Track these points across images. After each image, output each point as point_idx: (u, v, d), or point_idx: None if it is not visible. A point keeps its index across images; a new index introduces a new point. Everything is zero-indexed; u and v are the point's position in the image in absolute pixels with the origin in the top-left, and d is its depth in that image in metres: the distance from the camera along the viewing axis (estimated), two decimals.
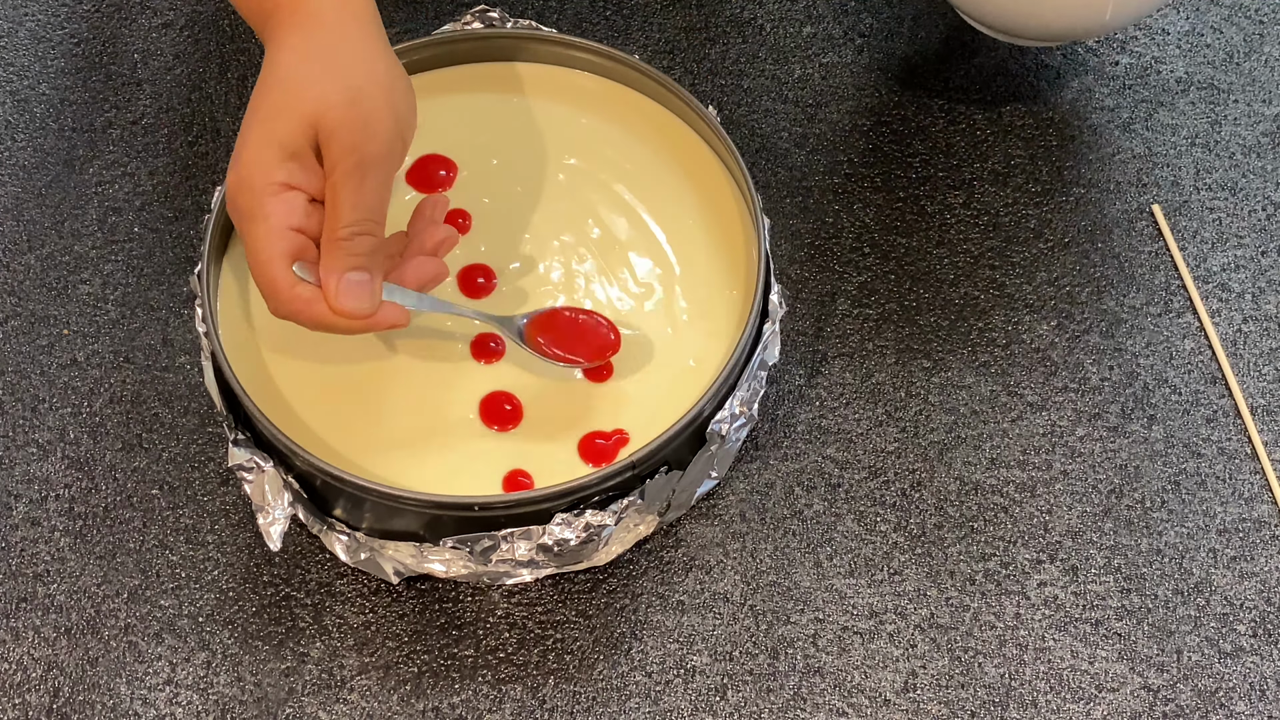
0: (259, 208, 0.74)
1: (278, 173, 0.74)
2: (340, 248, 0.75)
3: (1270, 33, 1.05)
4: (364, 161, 0.75)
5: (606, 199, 0.90)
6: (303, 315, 0.76)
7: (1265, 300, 0.96)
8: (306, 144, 0.75)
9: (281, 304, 0.76)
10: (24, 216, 0.98)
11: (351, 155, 0.74)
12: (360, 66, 0.76)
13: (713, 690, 0.84)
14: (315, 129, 0.74)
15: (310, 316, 0.76)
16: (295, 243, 0.75)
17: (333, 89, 0.75)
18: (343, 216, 0.75)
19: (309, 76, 0.75)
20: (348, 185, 0.75)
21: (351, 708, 0.83)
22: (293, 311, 0.76)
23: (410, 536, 0.82)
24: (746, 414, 0.84)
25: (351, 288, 0.76)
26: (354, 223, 0.75)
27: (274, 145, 0.74)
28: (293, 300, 0.75)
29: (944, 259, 0.97)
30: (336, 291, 0.75)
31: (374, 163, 0.75)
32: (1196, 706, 0.84)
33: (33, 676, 0.85)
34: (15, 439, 0.91)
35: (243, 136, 0.75)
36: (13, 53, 1.04)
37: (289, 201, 0.75)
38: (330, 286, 0.75)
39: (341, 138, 0.74)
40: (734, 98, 1.02)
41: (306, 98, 0.74)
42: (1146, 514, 0.89)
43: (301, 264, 0.76)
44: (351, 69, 0.76)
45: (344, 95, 0.75)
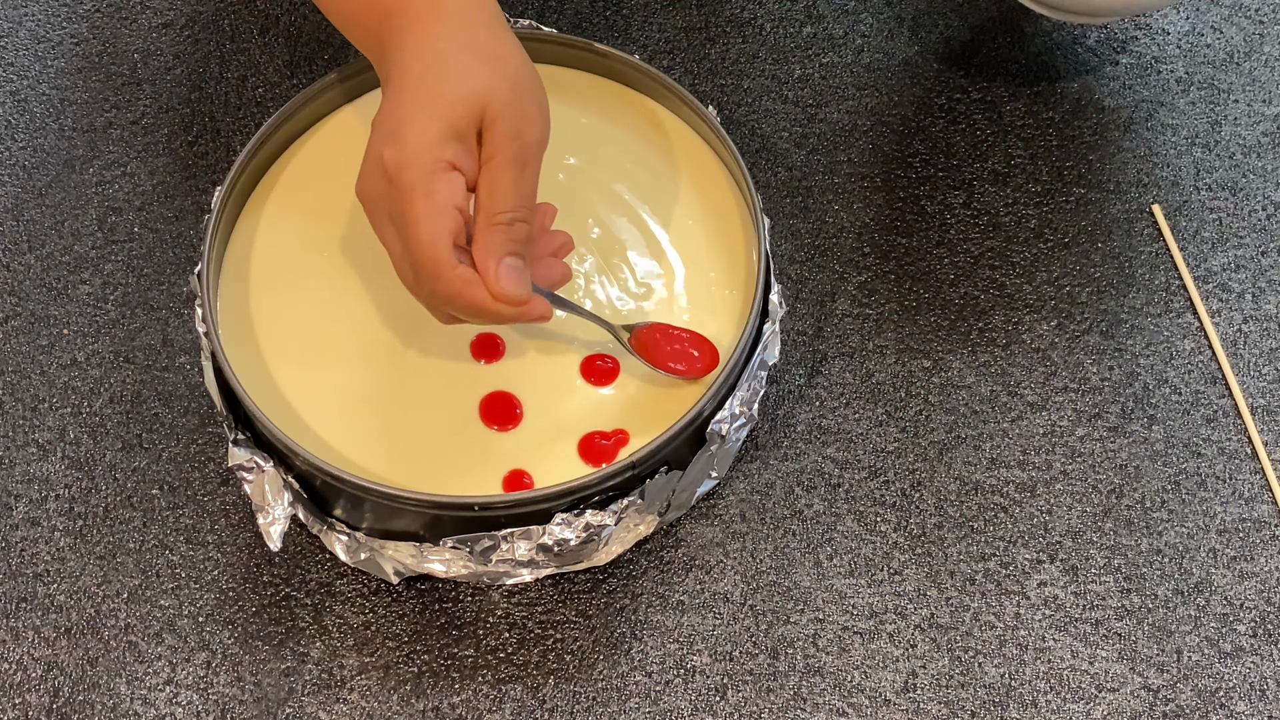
0: (426, 184, 0.73)
1: (444, 150, 0.74)
2: (501, 232, 0.75)
3: (1270, 33, 1.05)
4: (524, 150, 0.75)
5: (606, 199, 0.90)
6: (461, 298, 0.74)
7: (1265, 300, 0.96)
8: (471, 127, 0.75)
9: (443, 284, 0.74)
10: (24, 216, 0.98)
11: (514, 142, 0.75)
12: (512, 57, 0.76)
13: (713, 690, 0.84)
14: (482, 113, 0.74)
15: (469, 299, 0.74)
16: (459, 222, 0.74)
17: (496, 76, 0.75)
18: (502, 202, 0.75)
19: (467, 64, 0.75)
20: (509, 172, 0.75)
21: (351, 708, 0.83)
22: (452, 293, 0.74)
23: (410, 536, 0.82)
24: (746, 414, 0.84)
25: (511, 272, 0.75)
26: (513, 208, 0.75)
27: (442, 124, 0.74)
28: (454, 280, 0.74)
29: (944, 259, 0.97)
30: (497, 275, 0.74)
31: (532, 152, 0.76)
32: (1196, 706, 0.84)
33: (33, 676, 0.85)
34: (15, 439, 0.91)
35: (396, 119, 0.74)
36: (13, 53, 1.04)
37: (454, 181, 0.74)
38: (490, 270, 0.74)
39: (506, 123, 0.74)
40: (734, 98, 1.02)
41: (472, 82, 0.74)
42: (1146, 514, 0.89)
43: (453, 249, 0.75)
44: (506, 59, 0.76)
45: (507, 83, 0.75)
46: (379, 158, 0.74)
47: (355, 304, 0.87)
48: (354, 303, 0.87)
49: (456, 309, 0.76)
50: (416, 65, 0.75)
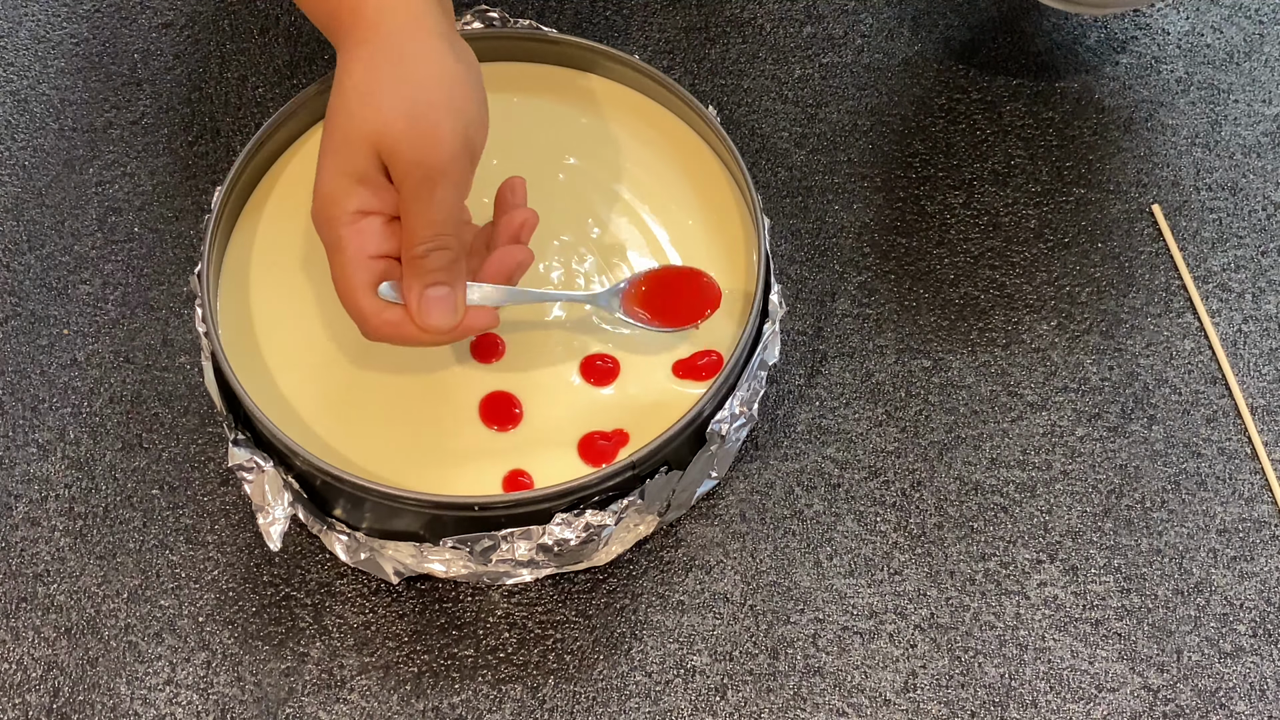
0: (337, 240, 0.76)
1: (350, 201, 0.75)
2: (417, 266, 0.76)
3: (1270, 33, 1.05)
4: (430, 175, 0.74)
5: (606, 199, 0.90)
6: (394, 338, 0.77)
7: (1265, 300, 0.96)
8: (373, 167, 0.75)
9: (371, 330, 0.77)
10: (24, 216, 0.98)
11: (417, 170, 0.74)
12: (420, 76, 0.75)
13: (713, 690, 0.84)
14: (377, 151, 0.74)
15: (401, 337, 0.77)
16: (375, 270, 0.76)
17: (390, 106, 0.74)
18: (416, 234, 0.76)
19: (367, 96, 0.74)
20: (418, 201, 0.75)
21: (351, 708, 0.83)
22: (383, 336, 0.77)
23: (410, 536, 0.82)
24: (746, 414, 0.84)
25: (432, 304, 0.76)
26: (428, 239, 0.76)
27: (343, 174, 0.75)
28: (381, 326, 0.77)
29: (944, 259, 0.97)
30: (419, 309, 0.76)
31: (440, 174, 0.75)
32: (1196, 706, 0.84)
33: (33, 676, 0.85)
34: (15, 439, 0.91)
35: (318, 169, 0.76)
36: (13, 53, 1.04)
37: (364, 230, 0.76)
38: (413, 305, 0.76)
39: (403, 154, 0.74)
40: (734, 98, 1.02)
41: (365, 120, 0.74)
42: (1146, 514, 0.89)
43: (390, 284, 0.77)
44: (411, 81, 0.75)
45: (402, 110, 0.74)
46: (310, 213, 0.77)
47: None
48: None
49: (398, 344, 0.78)
50: (336, 95, 0.76)
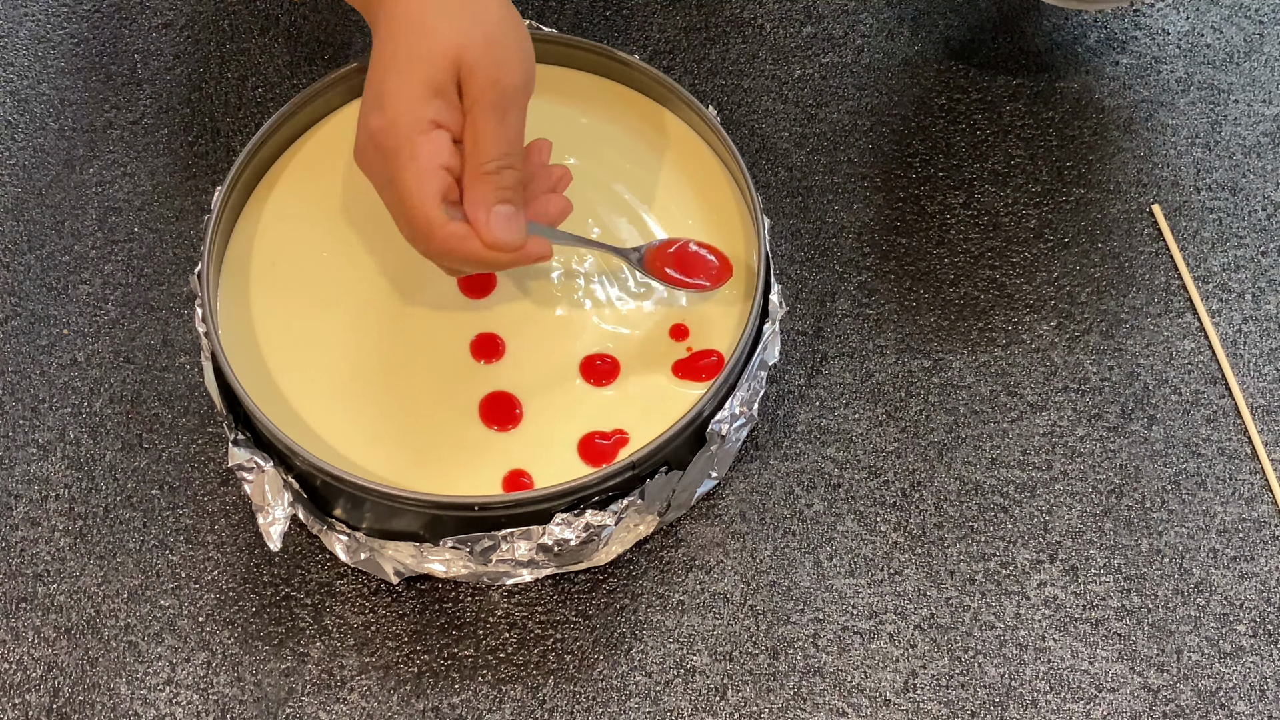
0: (409, 147, 0.75)
1: (426, 109, 0.75)
2: (487, 181, 0.76)
3: (1270, 33, 1.05)
4: (504, 96, 0.76)
5: (606, 199, 0.90)
6: (456, 252, 0.76)
7: (1265, 300, 0.96)
8: (450, 81, 0.76)
9: (435, 242, 0.76)
10: (24, 216, 0.98)
11: (492, 90, 0.76)
12: (488, 8, 0.77)
13: (713, 690, 0.84)
14: (457, 66, 0.75)
15: (464, 253, 0.76)
16: (446, 181, 0.76)
17: (469, 27, 0.76)
18: (486, 151, 0.76)
19: (441, 20, 0.76)
20: (491, 119, 0.76)
21: (351, 708, 0.83)
22: (447, 250, 0.76)
23: (410, 536, 0.82)
24: (746, 414, 0.84)
25: (501, 220, 0.76)
26: (499, 156, 0.76)
27: (419, 83, 0.75)
28: (447, 238, 0.76)
29: (944, 259, 0.97)
30: (488, 224, 0.76)
31: (513, 97, 0.76)
32: (1196, 706, 0.84)
33: (33, 676, 0.85)
34: (15, 439, 0.91)
35: (379, 83, 0.76)
36: (13, 53, 1.04)
37: (437, 140, 0.76)
38: (480, 220, 0.76)
39: (483, 72, 0.75)
40: (734, 98, 1.02)
41: (445, 36, 0.75)
42: (1146, 514, 0.89)
43: (445, 204, 0.76)
44: (481, 11, 0.77)
45: (481, 32, 0.76)
46: (367, 126, 0.76)
47: (355, 303, 0.87)
48: (354, 302, 0.87)
49: (454, 263, 0.78)
50: (396, 24, 0.77)
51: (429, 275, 0.87)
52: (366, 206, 0.89)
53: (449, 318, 0.86)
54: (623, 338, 0.86)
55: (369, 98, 0.77)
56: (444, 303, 0.87)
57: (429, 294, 0.87)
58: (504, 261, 0.78)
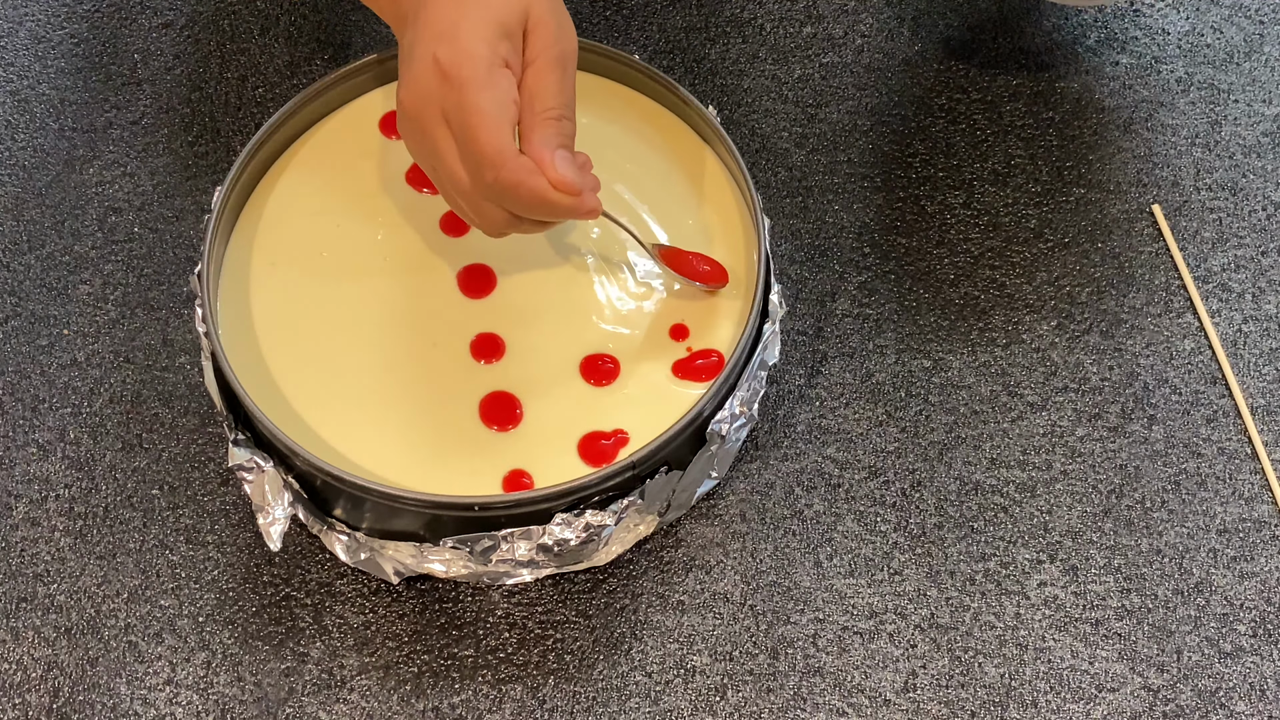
0: (488, 76, 0.75)
1: (501, 47, 0.76)
2: (551, 125, 0.77)
3: (1270, 33, 1.05)
4: (564, 54, 0.78)
5: (607, 199, 0.90)
6: (524, 185, 0.75)
7: (1265, 300, 0.96)
8: (519, 28, 0.77)
9: (508, 171, 0.74)
10: (24, 216, 0.98)
11: (556, 46, 0.77)
12: None
13: (713, 690, 0.84)
14: (526, 16, 0.77)
15: (531, 187, 0.75)
16: (516, 115, 0.76)
17: None
18: (550, 99, 0.77)
19: None
20: (554, 72, 0.77)
21: (351, 708, 0.84)
22: (516, 181, 0.75)
23: (410, 536, 0.82)
24: (746, 414, 0.84)
25: (565, 162, 0.76)
26: (561, 105, 0.77)
27: (493, 22, 0.76)
28: (518, 169, 0.75)
29: (944, 259, 0.97)
30: (554, 163, 0.76)
31: (571, 58, 0.78)
32: (1196, 706, 0.84)
33: (33, 676, 0.85)
34: (15, 439, 0.91)
35: (450, 15, 0.76)
36: (13, 53, 1.04)
37: (510, 78, 0.76)
38: (547, 159, 0.76)
39: (548, 28, 0.77)
40: (734, 98, 1.02)
41: None
42: (1146, 514, 0.89)
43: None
44: None
45: None
46: (432, 57, 0.75)
47: (355, 304, 0.87)
48: (354, 303, 0.87)
49: (517, 199, 0.76)
50: None
51: (429, 275, 0.88)
52: (367, 206, 0.89)
53: (449, 318, 0.86)
54: (623, 338, 0.86)
55: (436, 29, 0.76)
56: (444, 303, 0.87)
57: (430, 294, 0.87)
58: (563, 205, 0.76)
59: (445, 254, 0.88)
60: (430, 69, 0.75)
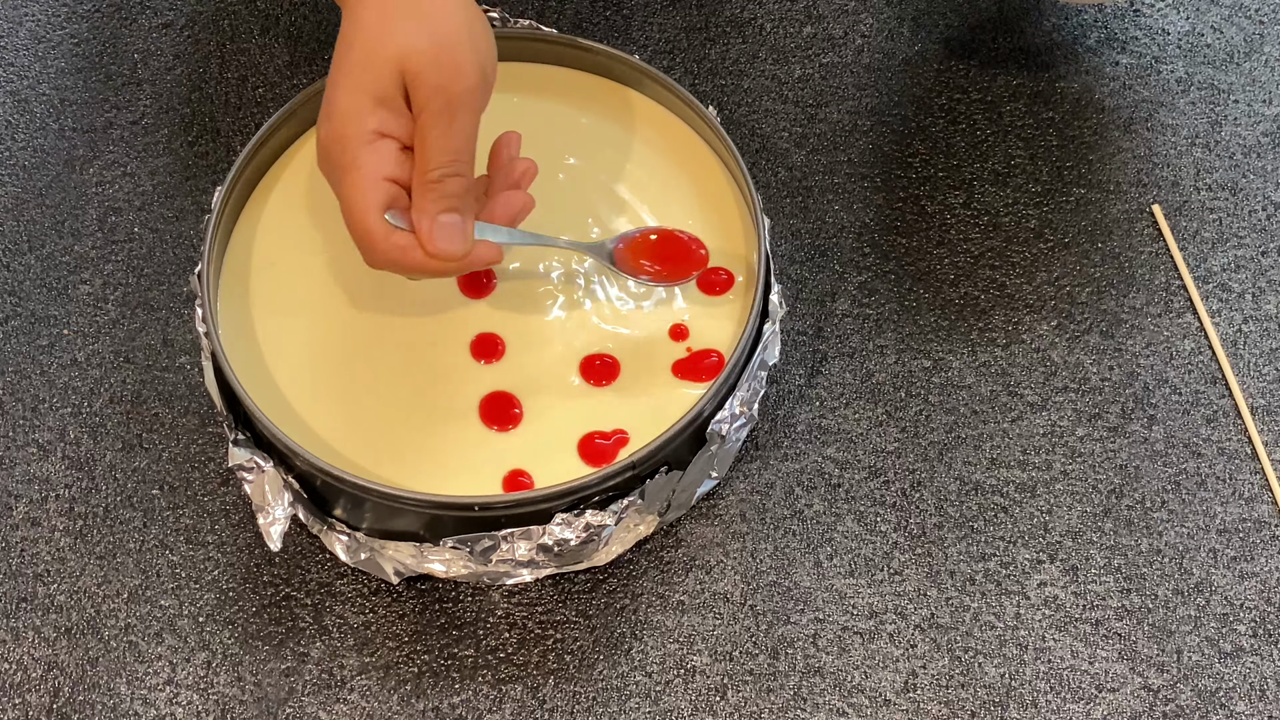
0: (353, 158, 0.76)
1: (370, 120, 0.76)
2: (431, 190, 0.76)
3: (1270, 33, 1.05)
4: (451, 102, 0.76)
5: (606, 199, 0.90)
6: (400, 263, 0.77)
7: (1265, 300, 0.96)
8: (395, 90, 0.76)
9: (378, 254, 0.77)
10: (24, 216, 0.98)
11: (439, 96, 0.76)
12: (439, 10, 0.77)
13: (713, 690, 0.84)
14: (402, 73, 0.76)
15: (407, 263, 0.77)
16: (389, 192, 0.76)
17: (416, 34, 0.76)
18: (432, 159, 0.76)
19: (391, 27, 0.76)
20: (437, 126, 0.76)
21: (351, 708, 0.84)
22: (390, 260, 0.77)
23: (410, 536, 0.82)
24: (746, 414, 0.84)
25: (445, 230, 0.77)
26: (444, 165, 0.77)
27: (364, 93, 0.76)
28: (389, 250, 0.76)
29: (944, 259, 0.97)
30: (431, 234, 0.76)
31: (461, 102, 0.76)
32: (1196, 706, 0.84)
33: (33, 676, 0.85)
34: (15, 439, 0.91)
35: (331, 91, 0.77)
36: (13, 53, 1.04)
37: (381, 150, 0.76)
38: (424, 230, 0.76)
39: (428, 79, 0.76)
40: (734, 98, 1.02)
41: (392, 45, 0.76)
42: (1146, 514, 0.89)
43: (394, 212, 0.77)
44: (431, 16, 0.77)
45: (428, 39, 0.76)
46: (318, 136, 0.77)
47: (355, 304, 0.87)
48: (354, 303, 0.87)
49: (401, 272, 0.78)
50: (352, 31, 0.77)
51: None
52: None
53: (448, 318, 0.86)
54: (623, 338, 0.86)
55: (322, 107, 0.78)
56: (444, 303, 0.87)
57: (429, 294, 0.87)
58: (450, 270, 0.78)
59: None
60: (319, 148, 0.78)
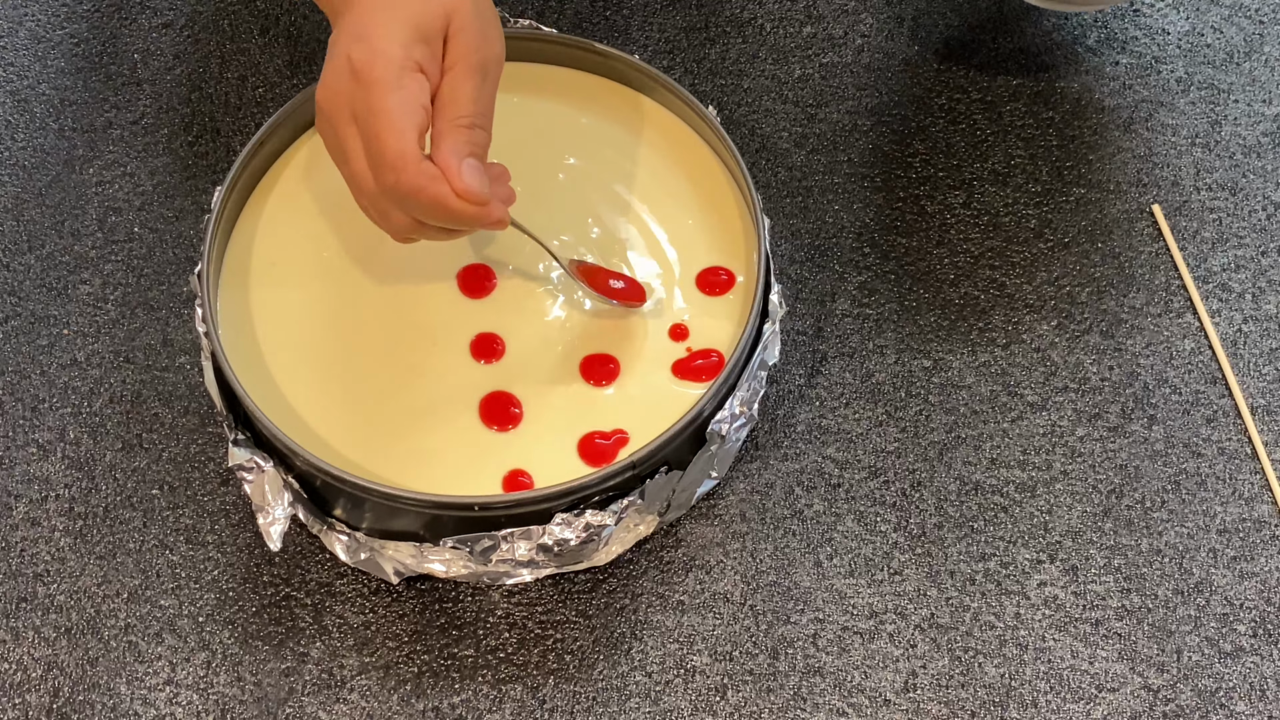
0: (397, 78, 0.73)
1: (416, 51, 0.75)
2: (462, 133, 0.75)
3: (1270, 33, 1.05)
4: (485, 62, 0.76)
5: (606, 199, 0.90)
6: (424, 192, 0.74)
7: (1265, 300, 0.96)
8: (438, 34, 0.75)
9: (408, 176, 0.73)
10: (24, 216, 0.98)
11: (476, 53, 0.76)
12: None
13: (713, 690, 0.84)
14: (448, 20, 0.75)
15: (431, 194, 0.74)
16: (425, 124, 0.74)
17: None
18: (464, 106, 0.75)
19: None
20: (472, 79, 0.76)
21: (351, 708, 0.84)
22: (416, 187, 0.73)
23: (410, 536, 0.82)
24: (746, 414, 0.84)
25: (473, 171, 0.74)
26: (475, 113, 0.76)
27: (410, 26, 0.74)
28: (419, 174, 0.73)
29: (944, 259, 0.97)
30: (460, 171, 0.74)
31: (493, 66, 0.77)
32: (1196, 706, 0.84)
33: (33, 676, 0.85)
34: (15, 439, 0.91)
35: (366, 16, 0.75)
36: (13, 53, 1.04)
37: (421, 81, 0.75)
38: (454, 167, 0.74)
39: (470, 34, 0.76)
40: (734, 98, 1.02)
41: None
42: (1146, 514, 0.89)
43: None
44: None
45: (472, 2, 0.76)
46: (346, 57, 0.74)
47: (355, 304, 0.87)
48: (354, 303, 0.87)
49: (418, 205, 0.75)
50: None
51: (429, 275, 0.87)
52: None
53: (449, 318, 0.86)
54: (623, 338, 0.86)
55: (350, 31, 0.75)
56: (444, 303, 0.87)
57: (429, 294, 0.87)
58: (467, 215, 0.75)
59: (445, 253, 0.88)
60: (344, 68, 0.74)
